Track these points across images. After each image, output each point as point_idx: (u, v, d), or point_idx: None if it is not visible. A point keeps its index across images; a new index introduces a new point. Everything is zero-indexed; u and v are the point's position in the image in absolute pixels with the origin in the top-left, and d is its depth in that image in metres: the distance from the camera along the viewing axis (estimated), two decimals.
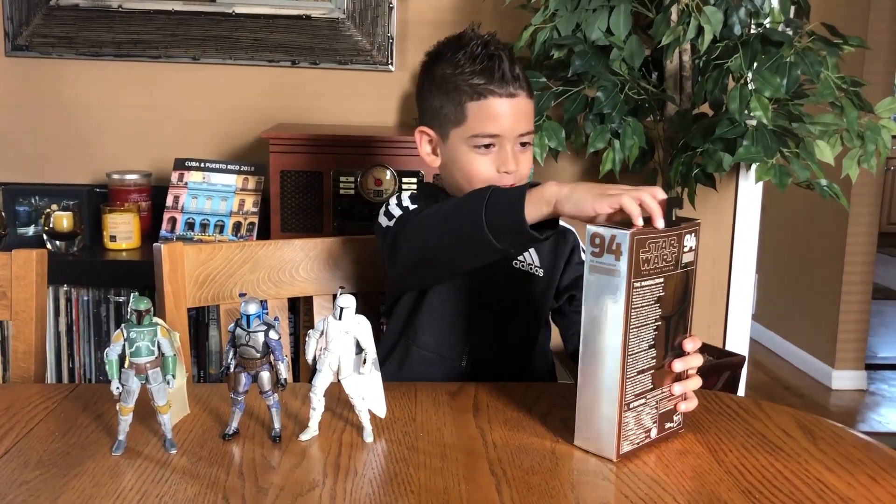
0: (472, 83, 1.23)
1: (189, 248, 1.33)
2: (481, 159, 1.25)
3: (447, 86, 1.25)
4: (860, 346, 3.76)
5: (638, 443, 0.94)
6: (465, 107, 1.24)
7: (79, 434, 0.97)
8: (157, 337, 0.90)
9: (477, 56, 1.23)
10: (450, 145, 1.28)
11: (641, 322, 0.92)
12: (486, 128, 1.23)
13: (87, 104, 2.24)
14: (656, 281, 0.92)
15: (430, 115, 1.30)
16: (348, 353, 0.95)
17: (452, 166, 1.29)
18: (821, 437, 0.99)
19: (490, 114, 1.23)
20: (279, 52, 2.23)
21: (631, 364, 0.92)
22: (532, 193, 1.00)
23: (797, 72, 1.65)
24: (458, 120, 1.25)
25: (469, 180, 1.26)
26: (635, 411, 0.93)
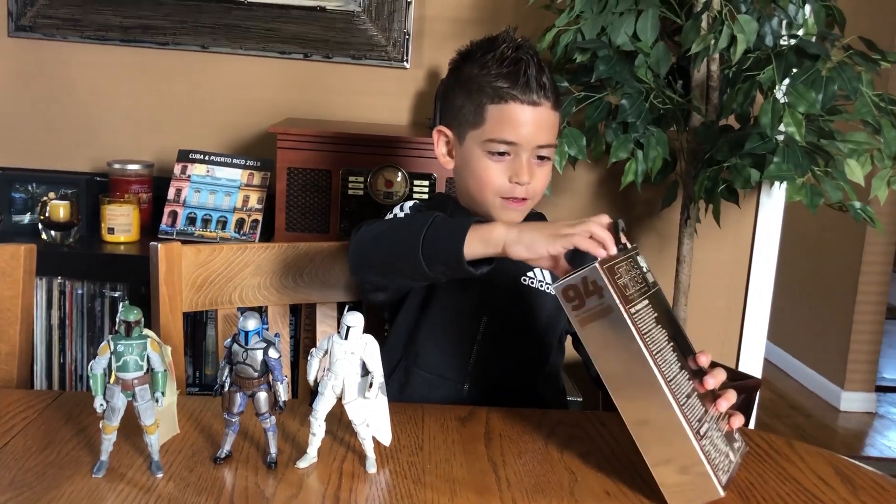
0: (496, 85, 1.17)
1: (188, 249, 1.26)
2: (495, 166, 1.19)
3: (471, 86, 1.20)
4: (871, 367, 3.69)
5: (727, 471, 0.86)
6: (485, 109, 1.18)
7: (58, 451, 0.89)
8: (146, 350, 0.83)
9: (505, 59, 1.17)
10: (465, 147, 1.22)
11: (658, 347, 0.85)
12: (504, 133, 1.18)
13: (91, 89, 2.17)
14: (644, 304, 0.88)
15: (450, 115, 1.25)
16: (353, 376, 0.88)
17: (465, 170, 1.23)
18: (861, 487, 0.92)
19: (509, 119, 1.18)
20: (291, 44, 2.15)
21: (675, 391, 0.84)
22: (478, 230, 0.99)
23: (834, 87, 1.57)
24: (476, 122, 1.20)
25: (480, 187, 1.21)
26: (708, 438, 0.85)
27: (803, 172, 1.59)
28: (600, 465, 0.93)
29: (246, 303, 1.31)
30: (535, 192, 1.21)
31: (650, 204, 2.29)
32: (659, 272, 2.25)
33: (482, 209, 1.24)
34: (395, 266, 1.11)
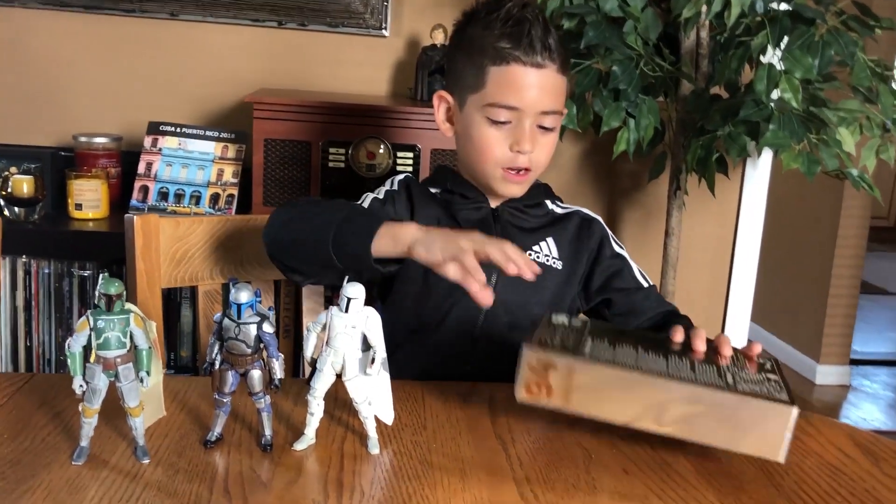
0: (498, 46, 1.11)
1: (165, 222, 1.18)
2: (495, 134, 1.13)
3: (472, 46, 1.14)
4: (846, 341, 3.71)
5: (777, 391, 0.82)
6: (486, 71, 1.12)
7: (33, 437, 0.82)
8: (129, 327, 0.76)
9: (510, 18, 1.10)
10: (465, 113, 1.16)
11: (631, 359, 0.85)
12: (505, 97, 1.11)
13: (53, 59, 2.06)
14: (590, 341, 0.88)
15: (451, 78, 1.19)
16: (354, 352, 0.82)
17: (466, 138, 1.17)
18: (882, 458, 0.88)
19: (511, 82, 1.11)
20: (264, 11, 2.06)
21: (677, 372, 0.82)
22: (389, 228, 0.96)
23: (830, 52, 1.53)
24: (476, 85, 1.13)
25: (480, 156, 1.15)
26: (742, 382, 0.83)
27: (799, 140, 1.55)
28: (614, 442, 0.88)
29: (227, 278, 1.24)
30: (538, 163, 1.15)
31: (635, 177, 2.25)
32: (645, 246, 2.24)
33: (483, 181, 1.18)
34: (306, 251, 1.04)
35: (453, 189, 1.20)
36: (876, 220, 4.29)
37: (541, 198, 1.24)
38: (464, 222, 1.18)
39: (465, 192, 1.20)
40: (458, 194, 1.20)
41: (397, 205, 1.19)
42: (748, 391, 0.81)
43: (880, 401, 3.57)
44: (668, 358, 0.87)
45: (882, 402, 3.55)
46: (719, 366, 0.87)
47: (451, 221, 1.18)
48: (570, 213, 1.26)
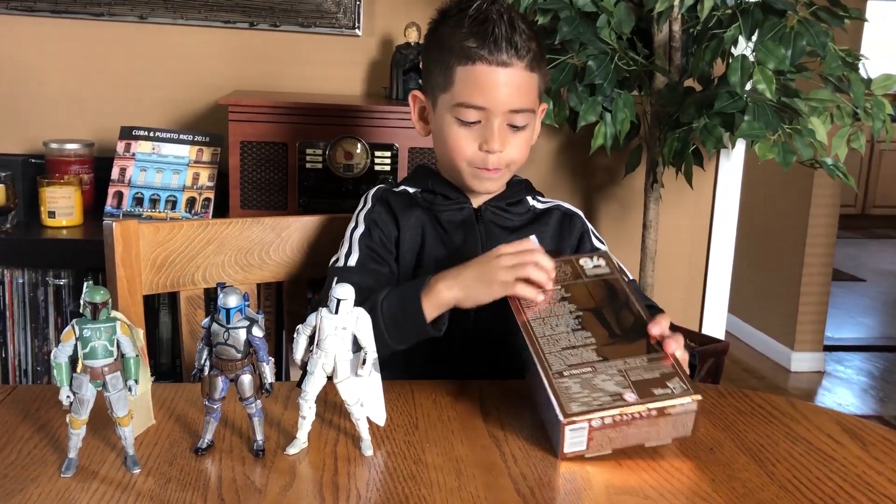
0: (464, 45, 1.09)
1: (145, 227, 1.17)
2: (465, 133, 1.12)
3: (442, 46, 1.13)
4: (819, 327, 3.76)
5: (598, 406, 0.81)
6: (453, 70, 1.11)
7: (19, 450, 0.80)
8: (116, 335, 0.75)
9: (479, 16, 1.09)
10: (437, 113, 1.15)
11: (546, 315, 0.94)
12: (472, 97, 1.10)
13: (21, 65, 2.02)
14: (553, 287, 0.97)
15: (425, 78, 1.19)
16: (345, 353, 0.81)
17: (439, 137, 1.17)
18: (871, 443, 0.89)
19: (477, 82, 1.09)
20: (235, 13, 2.04)
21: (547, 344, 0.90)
22: (428, 301, 0.99)
23: (802, 43, 1.55)
24: (445, 84, 1.12)
25: (451, 155, 1.14)
26: (578, 378, 0.85)
27: (773, 130, 1.57)
28: None
29: (210, 283, 1.23)
30: (510, 161, 1.14)
31: (610, 171, 2.26)
32: (622, 239, 2.25)
33: (457, 178, 1.18)
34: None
35: (434, 189, 1.20)
36: (844, 207, 4.37)
37: (522, 195, 1.23)
38: (447, 224, 1.18)
39: (447, 193, 1.19)
40: (439, 194, 1.20)
41: (381, 225, 1.17)
42: (556, 383, 0.85)
43: (854, 385, 3.62)
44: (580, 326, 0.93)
45: (856, 387, 3.60)
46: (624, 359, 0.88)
47: (435, 224, 1.18)
48: (551, 207, 1.26)
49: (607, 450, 0.83)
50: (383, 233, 1.16)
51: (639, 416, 0.82)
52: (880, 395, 3.49)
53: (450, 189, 1.19)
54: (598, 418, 0.81)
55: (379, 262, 1.14)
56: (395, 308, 1.01)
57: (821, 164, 1.64)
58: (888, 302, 4.87)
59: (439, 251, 1.16)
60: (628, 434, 0.83)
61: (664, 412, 0.82)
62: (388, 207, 1.18)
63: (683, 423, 0.84)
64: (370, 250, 1.15)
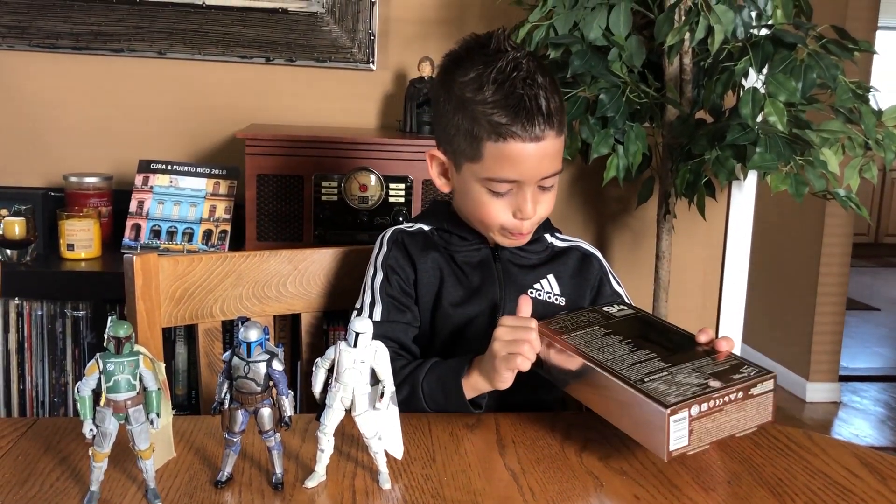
0: (494, 120, 1.04)
1: (165, 261, 1.18)
2: (496, 203, 1.10)
3: (465, 112, 1.07)
4: (834, 357, 3.74)
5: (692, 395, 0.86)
6: (483, 145, 1.06)
7: (41, 483, 0.81)
8: (138, 369, 0.76)
9: (505, 82, 1.04)
10: (462, 177, 1.12)
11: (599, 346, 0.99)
12: (504, 173, 1.07)
13: (42, 100, 2.06)
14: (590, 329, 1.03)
15: (443, 136, 1.13)
16: (363, 386, 0.82)
17: (465, 196, 1.14)
18: (890, 477, 0.89)
19: (510, 158, 1.06)
20: (252, 48, 2.08)
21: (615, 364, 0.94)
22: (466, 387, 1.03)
23: (813, 75, 1.56)
24: (472, 156, 1.08)
25: (482, 220, 1.13)
26: (660, 380, 0.89)
27: (785, 162, 1.58)
28: (623, 469, 0.89)
29: (228, 315, 1.24)
30: (539, 220, 1.14)
31: (623, 202, 2.27)
32: (635, 270, 2.25)
33: (483, 232, 1.17)
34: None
35: (451, 230, 1.19)
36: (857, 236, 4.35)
37: (540, 232, 1.21)
38: (463, 264, 1.18)
39: (463, 234, 1.18)
40: (455, 234, 1.19)
41: (398, 270, 1.16)
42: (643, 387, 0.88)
43: (871, 416, 3.59)
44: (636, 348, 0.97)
45: (873, 418, 3.57)
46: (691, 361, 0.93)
47: (451, 265, 1.17)
48: (570, 247, 1.24)
49: (706, 444, 0.87)
50: (401, 278, 1.16)
51: (729, 401, 0.87)
52: None
53: (466, 231, 1.18)
54: (696, 405, 0.85)
55: (402, 311, 1.15)
56: (436, 391, 1.05)
57: (833, 196, 1.65)
58: None
59: (457, 292, 1.16)
60: (721, 423, 0.87)
61: (749, 394, 0.88)
62: (404, 251, 1.17)
63: (765, 405, 0.90)
64: (392, 299, 1.15)
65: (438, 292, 1.16)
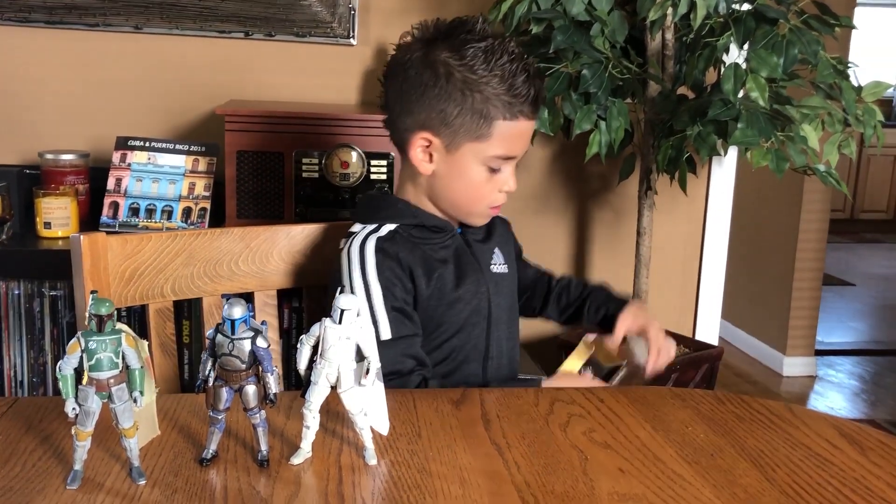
0: (506, 99, 1.10)
1: (113, 240, 1.16)
2: (491, 180, 1.15)
3: (473, 94, 1.09)
4: (810, 332, 3.78)
5: None
6: (494, 124, 1.11)
7: (23, 462, 0.81)
8: (121, 347, 0.75)
9: (514, 63, 1.09)
10: (458, 158, 1.13)
11: None
12: (511, 149, 1.14)
13: (15, 76, 2.03)
14: None
15: (436, 118, 1.12)
16: (349, 363, 0.81)
17: (454, 179, 1.15)
18: (869, 448, 0.90)
19: (517, 136, 1.14)
20: (231, 23, 2.05)
21: None
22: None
23: (794, 51, 1.56)
24: (479, 136, 1.11)
25: (472, 198, 1.16)
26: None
27: (767, 137, 1.59)
28: (607, 442, 0.89)
29: (179, 295, 1.23)
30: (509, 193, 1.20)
31: (605, 178, 2.27)
32: (617, 247, 2.26)
33: (464, 215, 1.19)
34: None
35: (425, 223, 1.17)
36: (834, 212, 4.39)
37: None
38: (441, 259, 1.17)
39: (439, 225, 1.18)
40: (427, 228, 1.17)
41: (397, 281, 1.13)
42: None
43: (845, 389, 3.64)
44: None
45: (847, 391, 3.63)
46: None
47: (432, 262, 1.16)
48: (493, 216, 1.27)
49: None
50: (402, 287, 1.14)
51: None
52: (871, 399, 3.51)
53: (439, 221, 1.19)
54: None
55: (408, 322, 1.13)
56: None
57: (813, 171, 1.66)
58: (878, 306, 4.90)
59: (450, 285, 1.17)
60: None
61: None
62: (394, 258, 1.14)
63: None
64: (397, 312, 1.12)
65: (434, 292, 1.16)
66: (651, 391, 1.06)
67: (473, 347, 1.20)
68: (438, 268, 1.16)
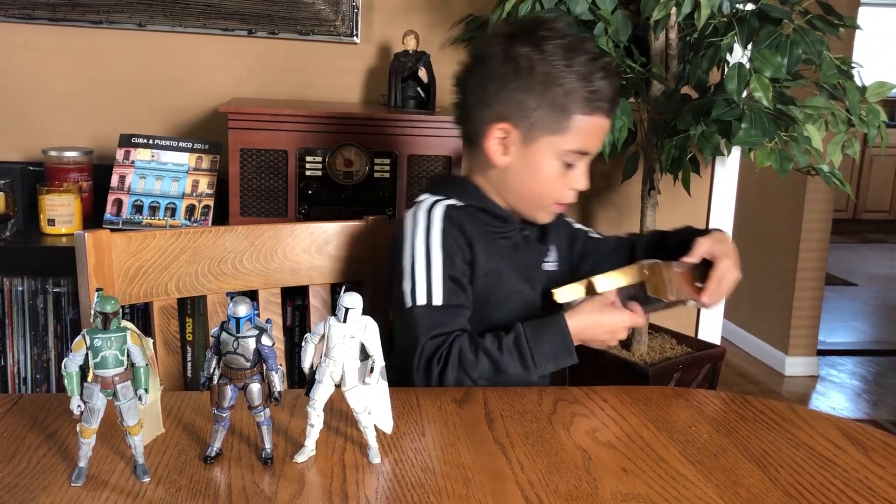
0: (588, 96, 1.11)
1: (117, 237, 1.17)
2: (563, 176, 1.16)
3: (554, 87, 1.11)
4: (812, 332, 3.78)
5: None
6: (573, 118, 1.12)
7: (28, 459, 0.81)
8: (126, 344, 0.75)
9: (596, 60, 1.12)
10: (534, 150, 1.14)
11: None
12: (587, 145, 1.14)
13: (19, 73, 2.03)
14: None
15: (515, 110, 1.13)
16: (353, 361, 0.82)
17: (528, 172, 1.16)
18: (872, 448, 0.91)
19: (594, 131, 1.14)
20: (234, 20, 2.05)
21: None
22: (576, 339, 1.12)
23: (798, 51, 1.56)
24: (558, 129, 1.12)
25: (542, 192, 1.17)
26: None
27: (770, 138, 1.58)
28: (611, 442, 0.90)
29: (183, 293, 1.23)
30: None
31: (608, 178, 2.27)
32: None
33: (529, 209, 1.20)
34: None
35: (489, 209, 1.19)
36: (836, 212, 4.39)
37: None
38: (501, 246, 1.19)
39: (504, 215, 1.20)
40: (492, 214, 1.19)
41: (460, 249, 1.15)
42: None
43: (847, 389, 3.64)
44: None
45: (849, 391, 3.62)
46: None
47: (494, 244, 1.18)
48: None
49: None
50: (462, 258, 1.14)
51: None
52: (873, 399, 3.51)
53: (504, 211, 1.21)
54: None
55: (461, 293, 1.14)
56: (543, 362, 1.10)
57: (817, 171, 1.66)
58: (880, 306, 4.90)
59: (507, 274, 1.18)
60: None
61: None
62: (460, 228, 1.15)
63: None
64: (453, 282, 1.13)
65: (492, 275, 1.17)
66: (654, 391, 1.06)
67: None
68: (497, 252, 1.18)
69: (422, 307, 1.11)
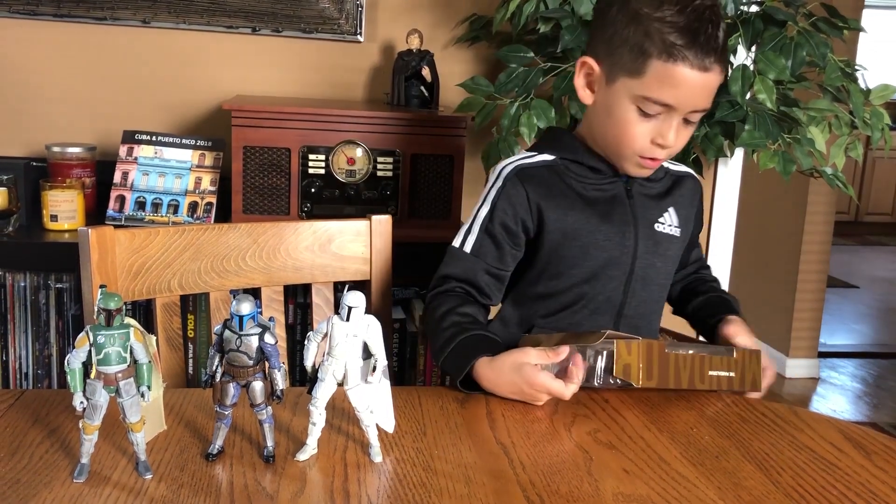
0: (668, 39, 1.03)
1: (121, 233, 1.17)
2: (643, 124, 1.08)
3: (637, 26, 1.05)
4: (814, 334, 3.78)
5: None
6: (649, 62, 1.05)
7: (30, 455, 0.81)
8: (129, 341, 0.75)
9: (687, 8, 1.03)
10: (613, 91, 1.10)
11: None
12: (663, 95, 1.05)
13: (23, 68, 2.03)
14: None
15: (603, 46, 1.10)
16: (355, 360, 0.82)
17: (607, 115, 1.11)
18: (874, 452, 0.90)
19: (674, 82, 1.04)
20: (238, 18, 2.05)
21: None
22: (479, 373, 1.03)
23: (802, 53, 1.56)
24: (634, 70, 1.06)
25: (620, 140, 1.11)
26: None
27: (774, 140, 1.58)
28: (612, 443, 0.90)
29: (186, 290, 1.23)
30: (675, 152, 1.13)
31: None
32: None
33: (615, 158, 1.15)
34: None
35: (582, 161, 1.16)
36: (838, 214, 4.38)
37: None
38: (592, 199, 1.16)
39: (597, 166, 1.16)
40: (585, 166, 1.16)
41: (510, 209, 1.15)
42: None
43: (848, 392, 3.64)
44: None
45: (850, 394, 3.62)
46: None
47: (578, 199, 1.15)
48: (684, 175, 1.25)
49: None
50: (509, 216, 1.15)
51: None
52: (874, 402, 3.51)
53: (600, 162, 1.17)
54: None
55: (494, 249, 1.16)
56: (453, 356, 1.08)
57: (820, 174, 1.66)
58: (881, 308, 4.90)
59: (588, 229, 1.15)
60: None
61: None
62: (521, 189, 1.15)
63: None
64: (488, 236, 1.16)
65: (568, 231, 1.14)
66: (655, 392, 1.06)
67: (606, 300, 1.18)
68: (580, 206, 1.15)
69: (454, 248, 1.18)
